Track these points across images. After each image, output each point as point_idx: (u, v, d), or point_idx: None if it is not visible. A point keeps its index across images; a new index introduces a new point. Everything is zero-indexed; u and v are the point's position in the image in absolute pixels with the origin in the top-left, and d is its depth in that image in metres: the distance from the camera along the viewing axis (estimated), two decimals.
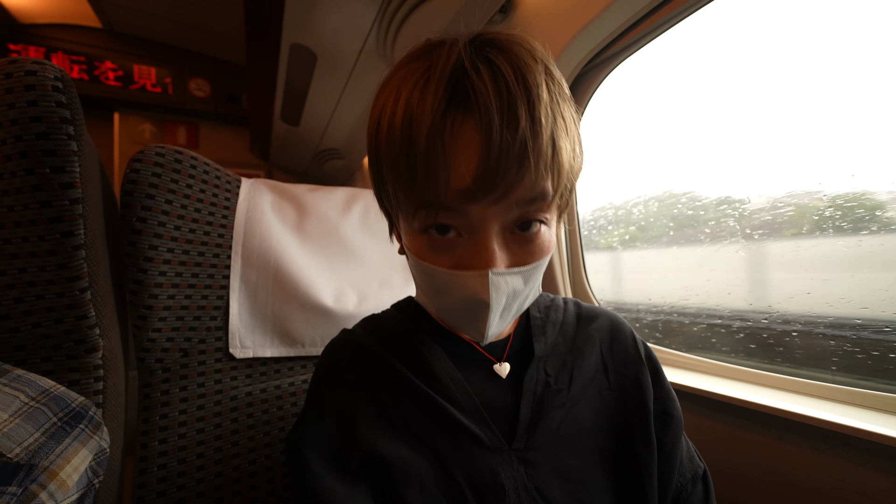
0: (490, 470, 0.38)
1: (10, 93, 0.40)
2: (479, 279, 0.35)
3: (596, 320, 0.51)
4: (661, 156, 0.94)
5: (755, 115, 0.75)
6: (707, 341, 0.83)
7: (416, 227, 0.37)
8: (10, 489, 0.28)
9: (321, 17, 1.20)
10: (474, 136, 0.32)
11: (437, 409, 0.41)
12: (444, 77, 0.33)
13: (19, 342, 0.43)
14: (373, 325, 0.50)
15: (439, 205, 0.34)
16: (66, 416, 0.34)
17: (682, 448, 0.45)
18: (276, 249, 0.64)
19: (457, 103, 0.32)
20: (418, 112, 0.33)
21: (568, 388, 0.44)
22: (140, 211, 0.51)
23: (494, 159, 0.31)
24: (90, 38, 2.73)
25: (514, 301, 0.39)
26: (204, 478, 0.55)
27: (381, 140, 0.36)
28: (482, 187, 0.32)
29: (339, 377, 0.44)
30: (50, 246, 0.41)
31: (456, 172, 0.32)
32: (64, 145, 0.41)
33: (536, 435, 0.41)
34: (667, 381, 0.48)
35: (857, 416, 0.55)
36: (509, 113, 0.31)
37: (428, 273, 0.39)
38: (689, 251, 0.89)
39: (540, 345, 0.47)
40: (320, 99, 1.73)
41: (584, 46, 0.84)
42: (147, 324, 0.53)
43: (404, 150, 0.33)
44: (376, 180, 0.41)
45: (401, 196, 0.36)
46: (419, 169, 0.33)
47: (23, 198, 0.40)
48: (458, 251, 0.37)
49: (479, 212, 0.34)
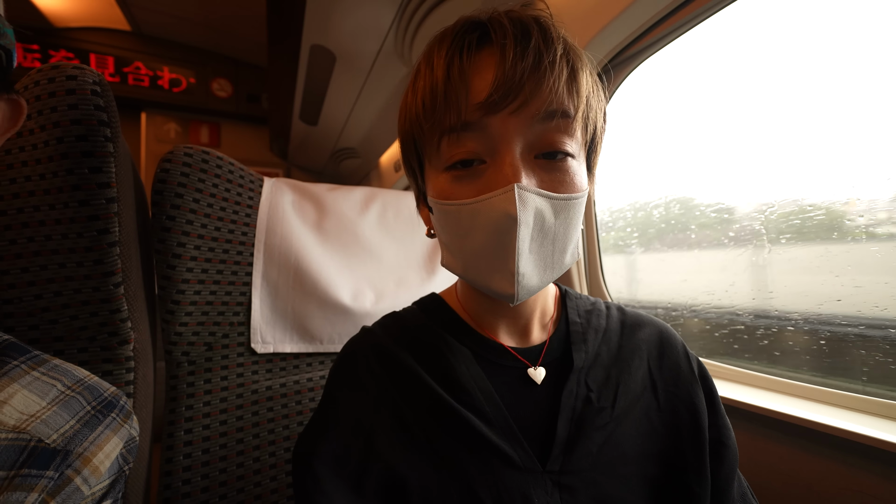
0: (521, 494, 0.35)
1: (52, 96, 0.42)
2: (504, 195, 0.34)
3: (643, 329, 0.46)
4: (680, 157, 0.92)
5: (778, 117, 0.73)
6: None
7: (442, 164, 0.37)
8: (48, 473, 0.29)
9: (341, 19, 1.21)
10: (490, 59, 0.34)
11: (463, 423, 0.37)
12: (462, 22, 0.37)
13: (58, 333, 0.45)
14: (394, 323, 0.46)
15: (461, 124, 0.35)
16: (100, 405, 0.36)
17: (735, 486, 0.40)
18: (297, 247, 0.66)
19: (471, 35, 0.36)
20: (438, 52, 0.36)
21: (612, 407, 0.39)
22: (169, 209, 0.53)
23: (510, 69, 0.33)
24: (119, 40, 2.83)
25: (545, 236, 0.36)
26: (226, 468, 0.57)
27: (408, 102, 0.39)
28: (500, 94, 0.33)
29: (356, 382, 0.41)
30: (87, 242, 0.44)
31: (474, 87, 0.34)
32: (101, 147, 0.43)
33: (574, 457, 0.37)
34: (721, 406, 0.43)
35: (888, 428, 0.53)
36: (523, 32, 0.34)
37: (452, 214, 0.37)
38: (713, 254, 0.86)
39: (580, 354, 0.42)
40: (338, 99, 1.75)
41: (606, 44, 0.83)
42: (174, 318, 0.55)
43: (428, 84, 0.36)
44: (404, 146, 0.42)
45: (425, 132, 0.37)
46: (439, 93, 0.35)
47: (63, 196, 0.42)
48: (482, 179, 0.36)
49: (499, 125, 0.34)
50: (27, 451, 0.29)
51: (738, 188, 0.82)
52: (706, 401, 0.42)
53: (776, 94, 0.74)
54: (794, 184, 0.71)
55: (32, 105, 0.42)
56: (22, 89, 0.43)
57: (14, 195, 0.43)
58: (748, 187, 0.80)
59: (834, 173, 0.66)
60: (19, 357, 0.34)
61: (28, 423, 0.30)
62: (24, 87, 0.43)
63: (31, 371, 0.33)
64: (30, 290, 0.43)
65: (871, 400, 0.58)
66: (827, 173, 0.67)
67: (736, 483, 0.41)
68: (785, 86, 0.73)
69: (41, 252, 0.43)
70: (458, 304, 0.47)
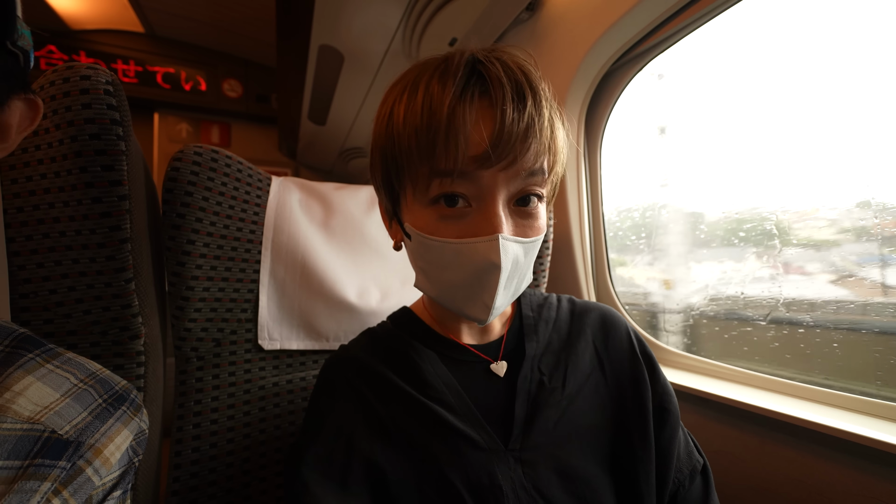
0: (487, 472, 0.39)
1: (67, 96, 0.43)
2: (489, 244, 0.37)
3: (588, 314, 0.51)
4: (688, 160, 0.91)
5: (793, 118, 0.71)
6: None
7: (428, 199, 0.39)
8: (61, 463, 0.30)
9: (349, 19, 1.22)
10: (489, 111, 0.37)
11: (431, 414, 0.41)
12: (462, 64, 0.38)
13: (72, 327, 0.46)
14: (367, 339, 0.51)
15: (455, 171, 0.37)
16: (111, 398, 0.36)
17: (680, 443, 0.45)
18: (304, 246, 0.66)
19: (473, 84, 0.38)
20: (439, 91, 0.37)
21: (562, 387, 0.44)
22: (179, 207, 0.54)
23: (508, 129, 0.36)
24: (133, 42, 2.89)
25: (516, 273, 0.41)
26: (233, 462, 0.57)
27: (395, 123, 0.40)
28: (496, 152, 0.36)
29: (336, 393, 0.45)
30: (100, 239, 0.45)
31: (473, 140, 0.37)
32: (114, 145, 0.44)
33: (532, 434, 0.41)
34: (663, 376, 0.48)
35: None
36: (518, 94, 0.37)
37: (434, 249, 0.40)
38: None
39: (532, 343, 0.48)
40: (346, 99, 1.77)
41: (612, 44, 0.83)
42: (184, 314, 0.56)
43: (425, 124, 0.37)
44: (383, 165, 0.43)
45: (417, 169, 0.39)
46: (440, 138, 0.37)
47: (77, 193, 0.43)
48: (466, 221, 0.39)
49: (489, 178, 0.38)
50: (41, 441, 0.30)
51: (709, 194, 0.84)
52: (648, 372, 0.47)
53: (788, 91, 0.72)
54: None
55: (48, 104, 0.43)
56: (38, 89, 0.45)
57: (30, 192, 0.44)
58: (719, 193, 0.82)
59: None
60: (34, 350, 0.34)
61: (42, 415, 0.31)
62: (41, 86, 0.44)
63: (45, 364, 0.34)
64: (45, 285, 0.45)
65: (885, 405, 0.57)
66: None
67: (681, 442, 0.45)
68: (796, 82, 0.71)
69: (56, 248, 0.44)
70: (425, 314, 0.52)
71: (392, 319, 0.54)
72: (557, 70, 0.93)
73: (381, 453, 0.40)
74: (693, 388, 0.72)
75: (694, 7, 0.72)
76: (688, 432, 0.48)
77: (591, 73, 0.89)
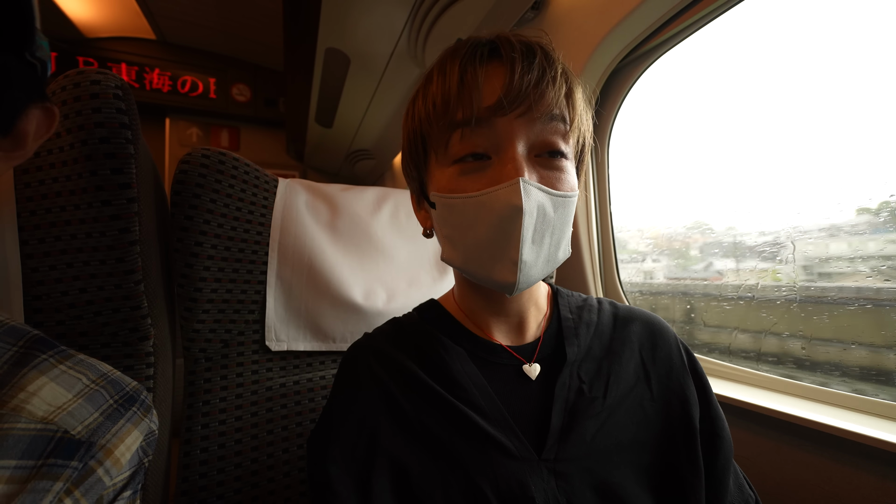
0: (519, 482, 0.36)
1: (77, 100, 0.44)
2: (510, 188, 0.37)
3: (635, 322, 0.48)
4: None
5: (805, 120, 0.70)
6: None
7: (449, 158, 0.40)
8: (73, 463, 0.30)
9: (355, 21, 1.23)
10: (500, 70, 0.38)
11: (460, 416, 0.39)
12: (474, 41, 0.41)
13: (83, 329, 0.47)
14: (393, 328, 0.49)
15: (472, 119, 0.38)
16: (122, 399, 0.37)
17: (731, 476, 0.42)
18: (310, 247, 0.67)
19: (486, 47, 0.40)
20: (451, 63, 0.40)
21: (603, 397, 0.41)
22: (188, 209, 0.55)
23: (518, 79, 0.37)
24: (145, 49, 2.94)
25: (546, 228, 0.39)
26: (241, 462, 0.58)
27: (417, 106, 0.43)
28: (509, 99, 0.37)
29: (359, 384, 0.43)
30: (110, 241, 0.45)
31: (486, 92, 0.38)
32: (123, 148, 0.44)
33: (569, 445, 0.38)
34: (714, 398, 0.44)
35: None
36: (528, 51, 0.38)
37: (457, 208, 0.40)
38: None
39: (573, 348, 0.44)
40: (353, 101, 1.78)
41: (619, 42, 0.82)
42: (192, 315, 0.57)
43: (441, 90, 0.39)
44: (410, 146, 0.45)
45: (435, 128, 0.40)
46: (453, 92, 0.38)
47: (87, 197, 0.44)
48: (488, 174, 0.39)
49: (506, 124, 0.38)
50: (54, 441, 0.30)
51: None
52: (698, 393, 0.44)
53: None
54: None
55: (59, 109, 0.44)
56: (49, 94, 0.45)
57: (43, 196, 0.45)
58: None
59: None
60: (47, 351, 0.35)
61: (55, 415, 0.31)
62: (52, 92, 0.45)
63: (58, 364, 0.34)
64: (57, 287, 0.45)
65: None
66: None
67: (732, 473, 0.42)
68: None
69: (67, 250, 0.45)
70: (455, 308, 0.49)
71: (419, 311, 0.51)
72: None
73: (404, 449, 0.38)
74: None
75: (701, 4, 0.71)
76: (737, 466, 0.45)
77: (599, 71, 0.88)
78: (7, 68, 0.29)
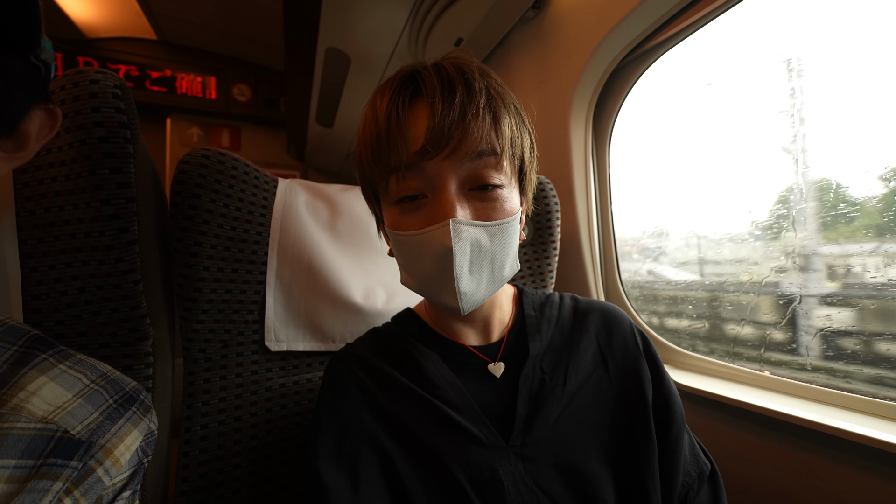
0: (489, 467, 0.40)
1: (76, 100, 0.44)
2: (441, 230, 0.39)
3: (593, 313, 0.52)
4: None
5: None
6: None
7: (391, 199, 0.43)
8: (73, 463, 0.30)
9: (356, 21, 1.23)
10: (423, 111, 0.40)
11: (435, 411, 0.43)
12: (399, 76, 0.43)
13: (82, 328, 0.47)
14: (372, 338, 0.53)
15: (402, 165, 0.40)
16: (121, 399, 0.37)
17: (685, 445, 0.45)
18: (310, 247, 0.66)
19: (406, 89, 0.42)
20: (380, 103, 0.42)
21: (563, 384, 0.45)
22: (187, 209, 0.54)
23: (440, 121, 0.39)
24: (146, 49, 2.94)
25: (483, 257, 0.41)
26: (240, 463, 0.58)
27: (359, 139, 0.45)
28: (433, 144, 0.39)
29: (340, 388, 0.46)
30: (109, 241, 0.45)
31: (411, 135, 0.40)
32: (121, 148, 0.44)
33: (534, 431, 0.42)
34: (667, 376, 0.48)
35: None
36: (448, 88, 0.40)
37: (403, 243, 0.43)
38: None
39: (535, 343, 0.48)
40: (353, 101, 1.78)
41: (620, 41, 0.81)
42: (192, 315, 0.57)
43: (373, 134, 0.42)
44: (363, 182, 0.48)
45: (375, 173, 0.43)
46: (383, 142, 0.41)
47: (86, 196, 0.44)
48: (425, 212, 0.41)
49: (435, 167, 0.40)
50: (54, 441, 0.30)
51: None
52: (651, 372, 0.47)
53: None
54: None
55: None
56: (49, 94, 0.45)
57: (42, 195, 0.44)
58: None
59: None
60: (47, 350, 0.35)
61: (55, 415, 0.31)
62: (51, 91, 0.45)
63: (58, 364, 0.34)
64: (56, 287, 0.45)
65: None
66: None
67: (686, 443, 0.46)
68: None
69: (66, 250, 0.45)
70: (426, 315, 0.53)
71: (395, 320, 0.55)
72: (564, 68, 0.92)
73: (386, 441, 0.42)
74: (707, 392, 0.70)
75: (703, 1, 0.71)
76: (693, 436, 0.48)
77: (600, 70, 0.88)
78: (12, 70, 0.29)
